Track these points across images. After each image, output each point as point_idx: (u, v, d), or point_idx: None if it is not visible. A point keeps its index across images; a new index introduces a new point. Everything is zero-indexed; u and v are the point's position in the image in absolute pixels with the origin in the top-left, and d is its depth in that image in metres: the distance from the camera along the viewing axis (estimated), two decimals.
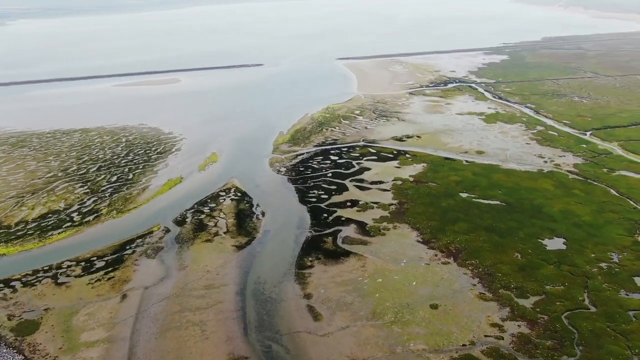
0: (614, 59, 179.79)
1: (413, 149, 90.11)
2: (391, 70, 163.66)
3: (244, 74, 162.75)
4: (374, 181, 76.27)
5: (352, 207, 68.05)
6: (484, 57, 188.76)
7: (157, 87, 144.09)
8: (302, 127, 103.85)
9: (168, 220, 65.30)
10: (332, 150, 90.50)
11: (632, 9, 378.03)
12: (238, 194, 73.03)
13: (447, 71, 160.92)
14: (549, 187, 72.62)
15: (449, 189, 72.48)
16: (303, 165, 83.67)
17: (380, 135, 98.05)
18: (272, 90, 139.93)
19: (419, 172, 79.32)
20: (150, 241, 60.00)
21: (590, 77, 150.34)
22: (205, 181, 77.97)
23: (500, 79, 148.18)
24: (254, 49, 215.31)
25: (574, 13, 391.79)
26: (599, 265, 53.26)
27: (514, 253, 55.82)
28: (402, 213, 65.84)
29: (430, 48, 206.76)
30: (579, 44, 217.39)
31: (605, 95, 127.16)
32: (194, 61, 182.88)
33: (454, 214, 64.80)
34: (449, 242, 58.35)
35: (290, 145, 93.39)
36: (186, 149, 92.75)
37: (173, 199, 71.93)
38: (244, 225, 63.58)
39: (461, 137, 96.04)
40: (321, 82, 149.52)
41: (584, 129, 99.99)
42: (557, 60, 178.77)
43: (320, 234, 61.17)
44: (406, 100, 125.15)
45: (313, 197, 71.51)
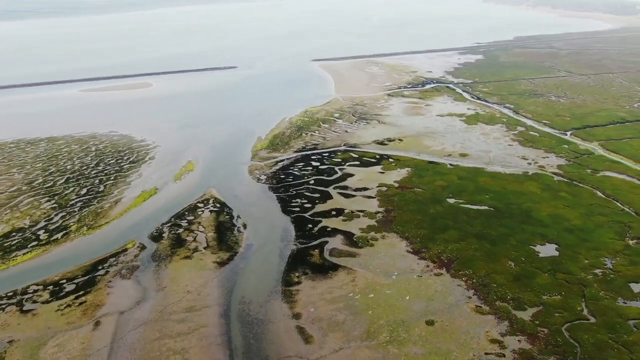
0: (586, 57, 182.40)
1: (396, 152, 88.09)
2: (368, 72, 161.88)
3: (217, 77, 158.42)
4: (358, 188, 73.83)
5: (337, 216, 65.41)
6: (459, 57, 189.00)
7: (128, 92, 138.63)
8: (280, 132, 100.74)
9: (143, 235, 61.37)
10: (313, 155, 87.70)
11: (597, 8, 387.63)
12: (217, 205, 69.52)
13: (424, 72, 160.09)
14: (535, 190, 71.50)
15: (435, 195, 70.59)
16: (284, 172, 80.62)
17: (362, 139, 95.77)
18: (247, 94, 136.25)
19: (403, 177, 77.27)
20: (125, 260, 56.08)
21: (564, 76, 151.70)
22: (181, 192, 74.13)
23: (477, 79, 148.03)
24: (227, 50, 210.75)
25: (542, 12, 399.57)
26: (593, 272, 51.99)
27: (507, 261, 54.12)
28: (389, 221, 63.54)
29: (405, 48, 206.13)
30: (550, 43, 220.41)
31: (581, 94, 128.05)
32: (166, 64, 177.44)
33: (442, 221, 62.84)
34: (440, 251, 56.29)
35: (270, 152, 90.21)
36: (160, 157, 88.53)
37: (148, 212, 67.93)
38: (225, 240, 60.20)
39: (443, 139, 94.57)
40: (298, 84, 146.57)
41: (563, 128, 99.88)
42: (531, 59, 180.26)
43: (306, 246, 58.31)
44: (385, 102, 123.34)
45: (296, 206, 68.58)
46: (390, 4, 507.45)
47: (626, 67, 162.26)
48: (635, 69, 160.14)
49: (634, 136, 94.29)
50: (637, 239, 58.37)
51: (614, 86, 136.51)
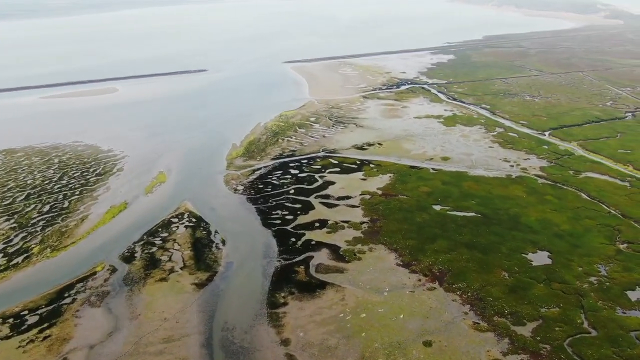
0: (554, 56, 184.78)
1: (376, 157, 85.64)
2: (341, 73, 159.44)
3: (187, 81, 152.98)
4: (341, 196, 70.94)
5: (321, 228, 62.33)
6: (431, 57, 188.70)
7: (92, 98, 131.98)
8: (256, 138, 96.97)
9: (113, 256, 56.86)
10: (291, 163, 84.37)
11: (559, 8, 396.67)
12: (193, 219, 65.42)
13: (398, 72, 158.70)
14: (521, 194, 70.13)
15: (420, 202, 68.33)
16: (262, 181, 77.02)
17: (340, 144, 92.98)
18: (219, 98, 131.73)
19: (386, 183, 74.80)
20: (94, 285, 51.56)
21: (536, 75, 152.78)
22: (153, 206, 69.63)
23: (451, 79, 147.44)
24: (195, 53, 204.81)
25: (506, 12, 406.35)
26: (588, 280, 50.52)
27: (500, 272, 52.14)
28: (375, 232, 60.84)
29: (377, 49, 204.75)
30: (518, 42, 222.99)
31: (554, 93, 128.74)
32: (131, 68, 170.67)
33: (430, 231, 60.55)
34: (430, 263, 53.90)
35: (246, 160, 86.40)
36: (129, 168, 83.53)
37: (118, 229, 63.28)
38: (202, 258, 56.30)
39: (423, 142, 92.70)
40: (271, 87, 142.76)
41: (541, 129, 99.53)
42: (502, 58, 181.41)
43: (291, 262, 55.02)
44: (361, 104, 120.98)
45: (277, 218, 65.16)
46: (357, 4, 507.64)
47: (594, 66, 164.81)
48: (603, 67, 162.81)
49: (611, 135, 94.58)
50: (628, 243, 57.43)
51: (585, 85, 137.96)
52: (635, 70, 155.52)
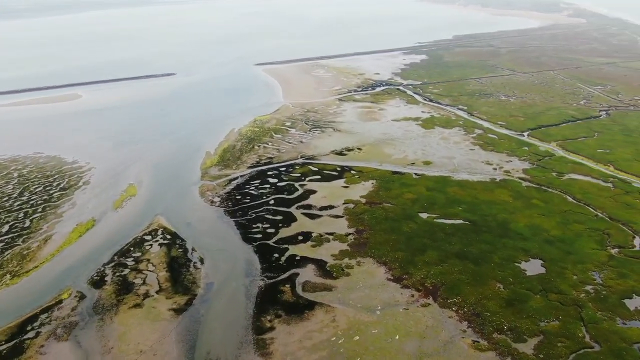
0: (525, 55, 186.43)
1: (357, 163, 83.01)
2: (315, 75, 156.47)
3: (154, 86, 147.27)
4: (324, 206, 67.94)
5: (305, 241, 59.18)
6: (404, 57, 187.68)
7: (54, 106, 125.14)
8: (230, 145, 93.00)
9: (81, 281, 52.35)
10: (269, 171, 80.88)
11: (524, 7, 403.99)
12: (167, 236, 61.26)
13: (372, 74, 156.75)
14: (507, 199, 68.62)
15: (406, 210, 65.97)
16: (239, 192, 73.29)
17: (319, 149, 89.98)
18: (189, 103, 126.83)
19: (369, 191, 72.20)
20: (60, 315, 47.05)
21: (508, 74, 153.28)
22: (124, 222, 65.10)
23: (425, 79, 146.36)
24: (163, 56, 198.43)
25: (473, 11, 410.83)
26: (585, 289, 48.98)
27: (495, 284, 50.11)
28: (362, 244, 58.09)
29: (349, 50, 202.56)
30: (488, 42, 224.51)
31: (528, 92, 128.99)
32: (96, 72, 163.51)
33: (419, 241, 58.18)
34: (422, 277, 51.46)
35: (221, 169, 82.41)
36: (96, 181, 78.46)
37: (86, 250, 58.64)
38: (180, 279, 52.38)
39: (403, 146, 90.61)
40: (243, 91, 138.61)
41: (520, 129, 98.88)
42: (474, 58, 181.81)
43: (275, 280, 51.70)
44: (337, 107, 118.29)
45: (258, 232, 61.66)
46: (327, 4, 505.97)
47: (564, 64, 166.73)
48: (573, 65, 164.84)
49: (588, 135, 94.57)
50: (619, 248, 56.37)
51: (557, 83, 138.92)
52: (604, 69, 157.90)
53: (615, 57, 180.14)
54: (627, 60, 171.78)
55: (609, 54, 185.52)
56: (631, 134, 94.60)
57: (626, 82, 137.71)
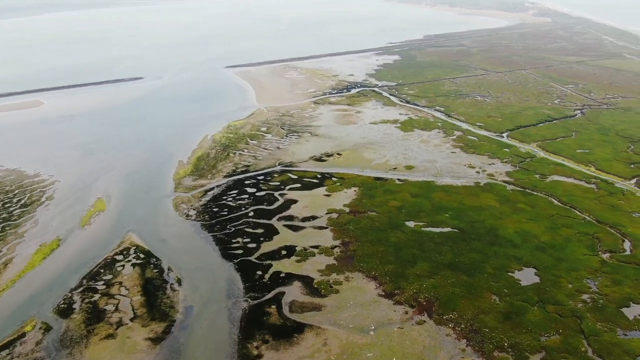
0: (496, 54, 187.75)
1: (337, 170, 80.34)
2: (288, 77, 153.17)
3: (121, 91, 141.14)
4: (306, 217, 64.94)
5: (289, 256, 56.08)
6: (376, 58, 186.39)
7: (12, 114, 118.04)
8: (204, 153, 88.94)
9: (47, 310, 47.87)
10: (246, 180, 77.36)
11: (491, 6, 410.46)
12: (140, 255, 57.14)
13: (346, 75, 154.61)
14: (493, 204, 67.11)
15: (392, 219, 63.62)
16: (216, 203, 69.54)
17: (297, 155, 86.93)
18: (159, 109, 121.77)
19: (352, 199, 69.59)
20: (23, 351, 42.60)
21: (482, 74, 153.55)
22: (92, 241, 60.54)
23: (400, 80, 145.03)
24: (130, 59, 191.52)
25: (441, 10, 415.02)
26: (581, 298, 47.53)
27: (490, 296, 48.15)
28: (350, 258, 55.37)
29: (321, 51, 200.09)
30: (459, 41, 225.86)
31: (503, 92, 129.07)
32: (59, 78, 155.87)
33: (409, 252, 55.85)
34: (415, 291, 49.08)
35: (196, 179, 78.39)
36: (61, 196, 73.32)
37: (51, 274, 54.01)
38: (156, 304, 48.51)
39: (384, 150, 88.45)
40: (214, 95, 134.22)
41: (499, 130, 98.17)
42: (446, 58, 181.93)
43: (260, 301, 48.42)
44: (313, 111, 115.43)
45: (238, 247, 58.19)
46: (295, 5, 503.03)
47: (535, 63, 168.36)
48: (544, 64, 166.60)
49: (566, 135, 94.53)
50: (610, 252, 55.39)
51: (530, 83, 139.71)
52: (574, 67, 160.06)
53: (583, 55, 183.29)
54: (595, 59, 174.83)
55: (577, 53, 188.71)
56: (607, 133, 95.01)
57: (596, 81, 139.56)
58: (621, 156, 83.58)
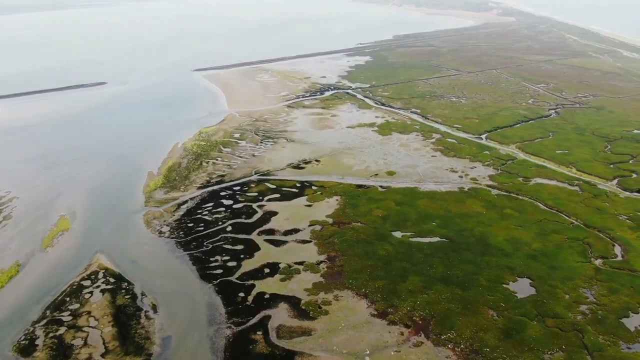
0: (465, 54, 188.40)
1: (317, 178, 77.23)
2: (259, 80, 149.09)
3: (83, 97, 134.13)
4: (288, 230, 61.56)
5: (272, 274, 52.61)
6: (347, 59, 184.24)
7: None
8: (176, 163, 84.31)
9: (5, 348, 42.94)
10: (222, 191, 73.31)
11: (455, 6, 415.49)
12: (110, 279, 52.57)
13: (318, 77, 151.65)
14: (480, 210, 65.31)
15: (378, 229, 60.94)
16: (191, 218, 65.31)
17: (273, 163, 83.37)
18: (125, 116, 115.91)
19: (335, 209, 66.59)
20: None
21: (454, 74, 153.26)
22: (56, 265, 55.52)
23: (373, 82, 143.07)
24: (91, 63, 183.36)
25: (407, 10, 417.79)
26: (580, 310, 45.86)
27: (487, 311, 45.94)
28: (337, 274, 52.33)
29: (291, 52, 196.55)
30: (428, 41, 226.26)
31: (477, 93, 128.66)
32: (12, 84, 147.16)
33: (398, 265, 53.23)
34: (409, 309, 46.41)
35: (167, 191, 73.83)
36: (19, 214, 67.59)
37: (9, 305, 48.89)
38: (130, 335, 44.24)
39: (363, 156, 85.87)
40: (183, 100, 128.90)
41: (477, 132, 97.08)
42: (417, 58, 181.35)
43: (244, 327, 44.78)
44: (287, 115, 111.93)
45: (217, 267, 54.34)
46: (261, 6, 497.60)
47: (504, 63, 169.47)
48: (513, 64, 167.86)
49: (544, 136, 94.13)
50: (602, 258, 54.20)
51: (502, 82, 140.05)
52: (543, 67, 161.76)
53: (550, 54, 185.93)
54: (562, 58, 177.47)
55: (544, 52, 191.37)
56: (584, 133, 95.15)
57: (566, 80, 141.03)
58: (600, 156, 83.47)
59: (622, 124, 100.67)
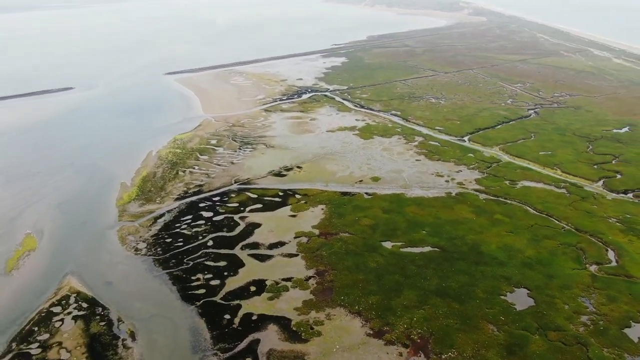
0: (441, 54, 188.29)
1: (300, 185, 74.40)
2: (234, 84, 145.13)
3: (49, 104, 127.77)
4: (273, 243, 58.59)
5: (259, 293, 49.60)
6: (323, 60, 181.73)
7: None
8: (150, 173, 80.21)
9: None
10: (201, 202, 69.72)
11: (427, 6, 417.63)
12: (83, 304, 48.62)
13: (294, 79, 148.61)
14: (470, 216, 63.64)
15: (367, 239, 58.55)
16: (169, 233, 61.61)
17: (254, 171, 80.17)
18: (94, 123, 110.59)
19: (321, 219, 63.91)
20: None
21: (431, 75, 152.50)
22: (23, 290, 51.22)
23: (351, 84, 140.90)
24: (57, 68, 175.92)
25: (380, 11, 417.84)
26: (581, 321, 44.37)
27: (487, 326, 43.99)
28: (328, 290, 49.67)
29: (265, 54, 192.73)
30: (402, 41, 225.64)
31: (456, 93, 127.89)
32: None
33: (391, 279, 50.89)
34: (406, 327, 44.06)
35: (143, 204, 69.82)
36: None
37: None
38: None
39: (346, 161, 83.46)
40: (156, 105, 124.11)
41: (459, 134, 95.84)
42: (393, 59, 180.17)
43: (232, 354, 41.68)
44: (265, 119, 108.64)
45: (199, 286, 50.98)
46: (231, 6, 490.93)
47: (480, 63, 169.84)
48: (489, 63, 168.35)
49: (526, 137, 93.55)
50: (597, 264, 53.10)
51: (480, 83, 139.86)
52: (518, 66, 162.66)
53: (523, 53, 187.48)
54: (536, 57, 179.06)
55: (518, 51, 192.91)
56: (565, 133, 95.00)
57: (542, 79, 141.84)
58: (583, 157, 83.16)
59: (601, 124, 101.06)
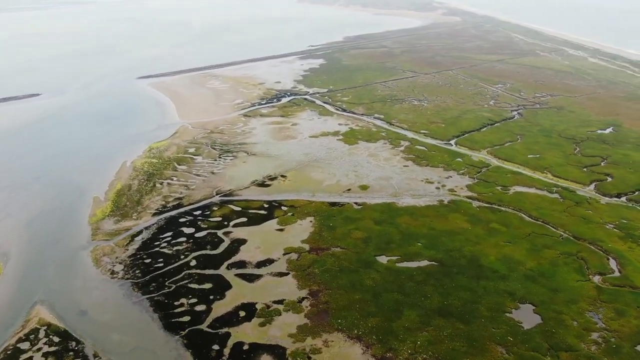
0: (419, 55, 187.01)
1: (285, 196, 70.88)
2: (210, 88, 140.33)
3: (13, 111, 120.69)
4: (261, 261, 54.99)
5: (249, 318, 45.96)
6: (301, 62, 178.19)
7: None
8: (125, 186, 75.47)
9: None
10: (181, 217, 65.49)
11: (401, 6, 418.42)
12: (54, 338, 44.11)
13: (272, 82, 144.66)
14: (465, 226, 61.28)
15: (360, 254, 55.51)
16: (148, 252, 57.31)
17: (236, 181, 76.27)
18: (63, 132, 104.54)
19: (310, 232, 60.60)
20: None
21: (411, 76, 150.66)
22: None
23: (331, 86, 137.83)
24: (21, 73, 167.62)
25: (354, 11, 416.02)
26: (592, 339, 42.28)
27: (495, 348, 41.42)
28: (323, 313, 46.38)
29: (241, 56, 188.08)
30: (379, 42, 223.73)
31: (438, 95, 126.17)
32: None
33: (390, 297, 47.94)
34: (410, 352, 41.13)
35: (118, 220, 65.20)
36: None
37: None
38: None
39: (332, 168, 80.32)
40: (129, 112, 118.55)
41: (445, 138, 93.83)
42: (371, 60, 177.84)
43: None
44: (245, 125, 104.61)
45: (184, 312, 47.03)
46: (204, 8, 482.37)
47: (459, 63, 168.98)
48: (467, 64, 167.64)
49: (513, 139, 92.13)
50: (600, 275, 51.32)
51: (461, 84, 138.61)
52: (497, 66, 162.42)
53: (500, 54, 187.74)
54: (513, 57, 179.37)
55: (494, 51, 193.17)
56: (551, 135, 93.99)
57: (522, 80, 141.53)
58: (572, 159, 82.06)
59: (585, 125, 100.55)
